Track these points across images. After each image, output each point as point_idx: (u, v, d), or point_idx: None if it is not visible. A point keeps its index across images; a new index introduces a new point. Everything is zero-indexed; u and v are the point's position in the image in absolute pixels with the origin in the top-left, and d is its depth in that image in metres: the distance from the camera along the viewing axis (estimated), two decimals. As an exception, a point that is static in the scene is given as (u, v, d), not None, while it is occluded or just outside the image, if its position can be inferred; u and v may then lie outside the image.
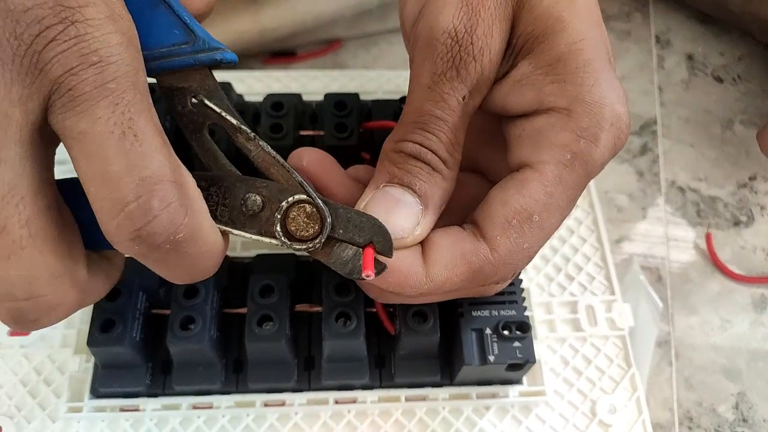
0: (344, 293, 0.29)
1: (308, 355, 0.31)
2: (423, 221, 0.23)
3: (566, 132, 0.22)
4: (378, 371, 0.31)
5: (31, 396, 0.31)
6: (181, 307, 0.28)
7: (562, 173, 0.22)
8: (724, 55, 0.51)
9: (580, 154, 0.22)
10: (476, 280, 0.23)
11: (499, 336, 0.28)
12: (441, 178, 0.23)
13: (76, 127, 0.18)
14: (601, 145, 0.22)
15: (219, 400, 0.30)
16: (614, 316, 0.34)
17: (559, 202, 0.23)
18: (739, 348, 0.38)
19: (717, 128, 0.47)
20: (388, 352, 0.31)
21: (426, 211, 0.23)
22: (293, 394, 0.30)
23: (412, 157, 0.23)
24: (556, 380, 0.32)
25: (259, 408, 0.30)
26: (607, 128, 0.22)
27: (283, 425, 0.30)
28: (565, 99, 0.22)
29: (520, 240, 0.23)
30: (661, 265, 0.41)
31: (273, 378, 0.30)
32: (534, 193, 0.22)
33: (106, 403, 0.30)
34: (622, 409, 0.32)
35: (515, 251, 0.23)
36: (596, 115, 0.22)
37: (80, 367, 0.31)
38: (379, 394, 0.31)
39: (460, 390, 0.31)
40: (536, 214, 0.22)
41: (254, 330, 0.28)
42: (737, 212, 0.43)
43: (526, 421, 0.31)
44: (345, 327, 0.28)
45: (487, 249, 0.23)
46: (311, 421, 0.30)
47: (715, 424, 0.36)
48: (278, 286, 0.29)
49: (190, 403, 0.30)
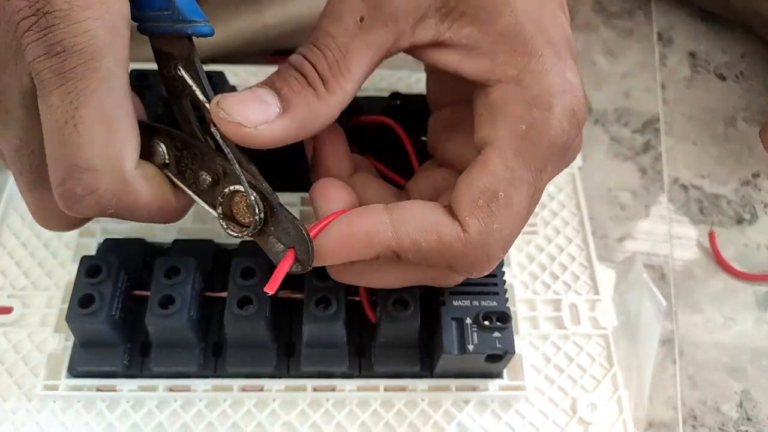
0: (326, 278, 0.29)
1: (289, 342, 0.31)
2: (275, 121, 0.23)
3: (518, 103, 0.22)
4: (358, 360, 0.31)
5: (8, 374, 0.31)
6: (162, 286, 0.28)
7: (519, 145, 0.22)
8: (726, 52, 0.51)
9: (534, 123, 0.22)
10: (444, 256, 0.23)
11: (479, 326, 0.28)
12: (313, 94, 0.23)
13: (41, 108, 0.21)
14: (557, 113, 0.22)
15: (196, 384, 0.30)
16: (597, 315, 0.34)
17: (523, 175, 0.22)
18: (743, 346, 0.38)
19: (720, 126, 0.47)
20: (369, 342, 0.31)
21: (283, 114, 0.23)
22: (271, 380, 0.30)
23: (292, 67, 0.23)
24: (537, 377, 0.32)
25: (237, 393, 0.30)
26: (559, 95, 0.22)
27: (260, 411, 0.30)
28: (515, 68, 0.23)
29: (489, 220, 0.22)
30: (664, 263, 0.41)
31: (252, 362, 0.30)
32: (495, 170, 0.22)
33: (83, 382, 0.30)
34: (602, 407, 0.31)
35: (485, 232, 0.22)
36: (546, 82, 0.22)
37: (59, 345, 0.31)
38: (358, 384, 0.30)
39: (439, 382, 0.31)
40: (501, 191, 0.22)
41: (234, 311, 0.28)
42: (740, 210, 0.43)
43: (505, 416, 0.31)
44: (325, 311, 0.28)
45: (459, 228, 0.23)
46: (288, 409, 0.30)
47: (719, 423, 0.36)
48: (260, 269, 0.29)
49: (167, 386, 0.30)
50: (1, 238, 0.34)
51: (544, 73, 0.22)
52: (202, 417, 0.30)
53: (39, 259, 0.34)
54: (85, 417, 0.29)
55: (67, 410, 0.30)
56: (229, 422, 0.30)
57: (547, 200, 0.38)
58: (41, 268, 0.33)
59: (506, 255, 0.34)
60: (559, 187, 0.38)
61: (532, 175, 0.23)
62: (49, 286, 0.33)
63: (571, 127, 0.23)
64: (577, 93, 0.23)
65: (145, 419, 0.30)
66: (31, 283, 0.33)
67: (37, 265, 0.33)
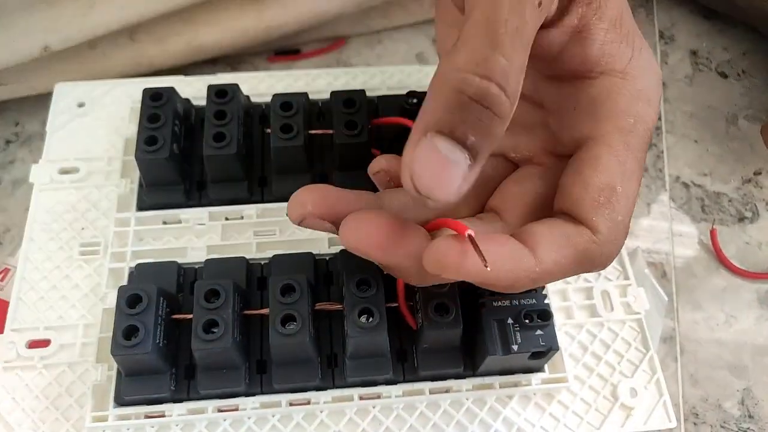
0: (365, 289, 0.29)
1: (330, 353, 0.31)
2: (467, 177, 0.19)
3: (624, 96, 0.23)
4: (401, 365, 0.31)
5: (54, 408, 0.31)
6: (204, 311, 0.28)
7: (627, 139, 0.23)
8: (728, 50, 0.51)
9: (640, 117, 0.23)
10: (583, 264, 0.23)
11: (521, 325, 0.29)
12: (499, 122, 0.19)
13: None
14: (654, 106, 0.23)
15: (244, 402, 0.30)
16: (630, 301, 0.34)
17: (633, 168, 0.23)
18: (745, 344, 0.39)
19: (721, 124, 0.47)
20: (410, 346, 0.31)
21: (473, 166, 0.19)
22: (318, 392, 0.30)
23: (473, 100, 0.19)
24: (577, 366, 0.33)
25: (285, 408, 0.30)
26: (658, 89, 0.23)
27: (309, 424, 0.30)
28: (622, 62, 0.23)
29: (614, 214, 0.23)
30: (665, 260, 0.41)
31: (297, 377, 0.30)
32: (609, 167, 0.23)
33: (131, 410, 0.30)
34: (642, 391, 0.32)
35: (613, 227, 0.23)
36: (650, 77, 0.23)
37: (102, 375, 0.31)
38: (403, 389, 0.31)
39: (482, 380, 0.31)
40: (618, 185, 0.23)
41: (278, 330, 0.28)
42: (742, 208, 0.43)
43: (549, 408, 0.31)
44: (368, 322, 0.28)
45: (588, 231, 0.23)
46: (337, 419, 0.31)
47: (721, 420, 0.36)
48: (298, 285, 0.29)
49: (216, 406, 0.30)
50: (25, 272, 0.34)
51: (645, 68, 0.23)
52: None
53: (65, 291, 0.33)
54: (137, 444, 0.30)
55: (117, 439, 0.30)
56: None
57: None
58: (70, 299, 0.33)
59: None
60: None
61: (640, 167, 0.23)
62: (84, 316, 0.33)
63: (657, 116, 0.24)
64: (660, 86, 0.24)
65: (197, 441, 0.30)
66: (64, 315, 0.33)
67: (64, 297, 0.33)
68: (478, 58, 0.19)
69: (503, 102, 0.19)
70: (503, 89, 0.19)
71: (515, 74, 0.19)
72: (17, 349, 0.32)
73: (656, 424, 0.31)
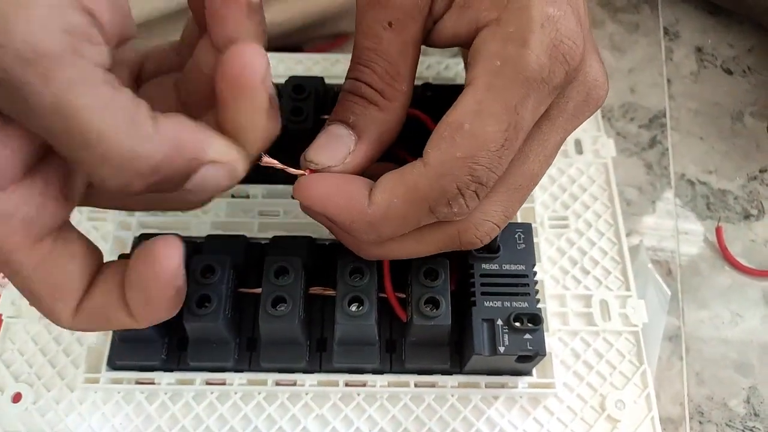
0: (357, 278, 0.29)
1: (320, 337, 0.31)
2: (355, 150, 0.24)
3: (495, 42, 0.22)
4: (389, 356, 0.31)
5: (51, 365, 0.32)
6: (198, 285, 0.29)
7: (491, 81, 0.22)
8: (733, 46, 0.50)
9: (508, 58, 0.22)
10: (415, 200, 0.23)
11: (510, 327, 0.28)
12: (377, 109, 0.24)
13: None
14: (533, 47, 0.21)
15: (232, 377, 0.31)
16: (628, 312, 0.34)
17: (491, 109, 0.22)
18: (750, 342, 0.38)
19: (727, 120, 0.46)
20: (399, 338, 0.31)
21: (359, 141, 0.24)
22: (304, 375, 0.31)
23: (349, 92, 0.25)
24: (567, 373, 0.32)
25: (271, 386, 0.31)
26: (536, 30, 0.22)
27: (294, 404, 0.31)
28: (496, 11, 0.22)
29: (451, 149, 0.22)
30: (670, 258, 0.41)
31: (285, 358, 0.30)
32: (464, 105, 0.22)
33: (123, 375, 0.31)
34: (631, 405, 0.31)
35: (446, 160, 0.22)
36: (522, 18, 0.22)
37: (98, 339, 0.31)
38: (388, 379, 0.31)
39: (469, 378, 0.31)
40: (467, 123, 0.22)
41: (268, 311, 0.28)
42: (748, 205, 0.43)
43: (534, 412, 0.31)
44: (357, 311, 0.28)
45: (420, 164, 0.23)
46: (321, 402, 0.31)
47: (726, 419, 0.36)
48: (293, 267, 0.29)
49: (204, 379, 0.31)
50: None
51: (522, 9, 0.22)
52: (237, 409, 0.31)
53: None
54: (125, 408, 0.31)
55: (107, 401, 0.31)
56: (264, 414, 0.31)
57: (578, 192, 0.37)
58: (79, 261, 0.34)
59: (537, 250, 0.34)
60: (591, 178, 0.38)
61: (505, 110, 0.22)
62: (87, 279, 0.34)
63: (553, 61, 0.22)
64: (558, 27, 0.22)
65: (183, 411, 0.31)
66: (70, 275, 0.34)
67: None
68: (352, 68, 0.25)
69: (371, 94, 0.24)
70: (369, 84, 0.24)
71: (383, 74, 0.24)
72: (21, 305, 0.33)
73: (641, 439, 0.31)
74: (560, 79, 0.23)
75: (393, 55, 0.24)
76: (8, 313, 0.33)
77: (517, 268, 0.30)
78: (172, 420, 0.30)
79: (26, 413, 0.30)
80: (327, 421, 0.31)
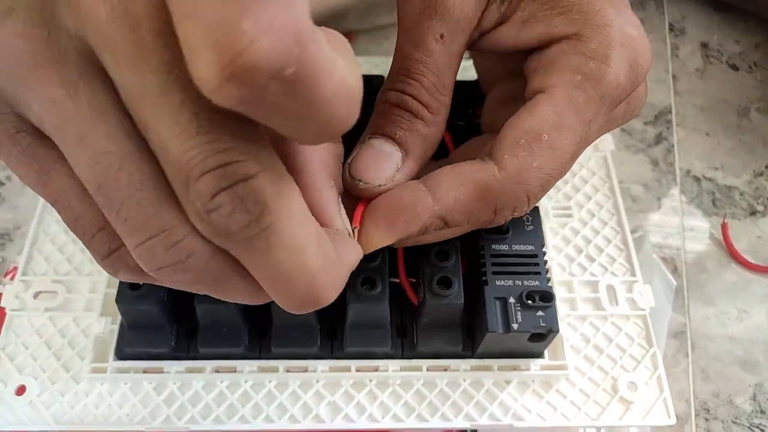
0: (370, 259, 0.29)
1: (331, 324, 0.31)
2: (403, 167, 0.24)
3: (576, 55, 0.23)
4: (400, 341, 0.31)
5: (56, 358, 0.31)
6: (209, 268, 0.29)
7: (572, 94, 0.22)
8: (739, 42, 0.51)
9: (590, 74, 0.22)
10: (485, 199, 0.23)
11: (523, 305, 0.29)
12: (423, 124, 0.24)
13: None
14: (614, 65, 0.22)
15: (242, 365, 0.30)
16: (635, 297, 0.34)
17: (570, 123, 0.22)
18: (757, 339, 0.38)
19: (733, 116, 0.47)
20: (410, 324, 0.31)
21: (406, 157, 0.24)
22: (316, 361, 0.30)
23: (394, 105, 0.24)
24: (577, 357, 0.32)
25: (282, 374, 0.30)
26: (617, 48, 0.22)
27: (305, 392, 0.30)
28: (574, 26, 0.23)
29: (529, 158, 0.22)
30: (676, 255, 0.41)
31: (296, 344, 0.30)
32: (543, 113, 0.23)
33: (130, 364, 0.30)
34: (643, 387, 0.31)
35: (524, 169, 0.22)
36: (605, 36, 0.22)
37: (105, 329, 0.31)
38: (401, 364, 0.31)
39: (481, 362, 0.31)
40: (545, 133, 0.22)
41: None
42: (754, 201, 0.43)
43: (547, 396, 0.31)
44: (370, 291, 0.28)
45: (494, 167, 0.23)
46: (333, 389, 0.31)
47: (732, 416, 0.36)
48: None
49: (214, 367, 0.30)
50: (43, 224, 0.35)
51: (603, 27, 0.23)
52: (248, 397, 0.30)
53: (81, 245, 0.34)
54: (132, 399, 0.30)
55: (114, 392, 0.30)
56: (275, 403, 0.30)
57: (580, 184, 0.38)
58: (84, 254, 0.34)
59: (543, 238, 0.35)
60: (591, 170, 0.39)
61: (581, 124, 0.23)
62: (92, 272, 0.33)
63: (628, 81, 0.23)
64: (638, 47, 0.23)
65: (192, 400, 0.30)
66: (75, 269, 0.33)
67: (80, 251, 0.34)
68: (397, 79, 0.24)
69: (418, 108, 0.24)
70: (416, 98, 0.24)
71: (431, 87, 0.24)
72: (25, 299, 0.32)
73: (655, 420, 0.31)
74: (627, 95, 0.24)
75: (441, 68, 0.24)
76: (12, 306, 0.32)
77: (526, 248, 0.30)
78: (181, 410, 0.30)
79: (31, 406, 0.30)
80: (339, 408, 0.30)
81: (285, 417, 0.30)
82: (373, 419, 0.30)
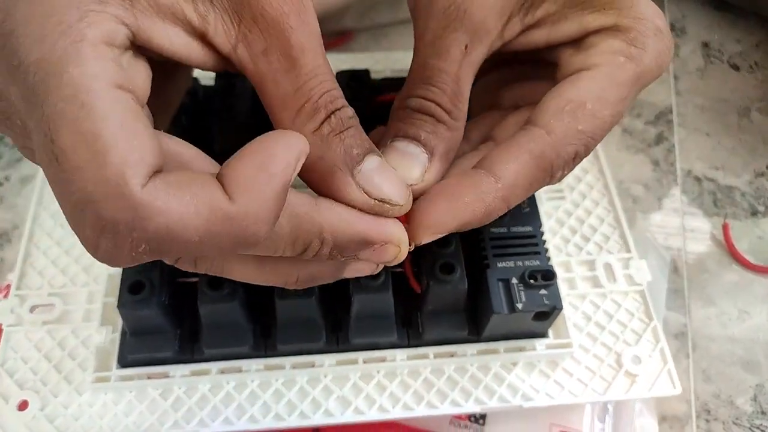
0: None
1: (336, 318, 0.31)
2: (431, 168, 0.24)
3: (617, 41, 0.24)
4: (405, 330, 0.31)
5: (56, 371, 0.30)
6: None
7: (614, 72, 0.24)
8: (740, 42, 0.50)
9: (631, 58, 0.24)
10: (542, 166, 0.23)
11: (526, 285, 0.29)
12: (445, 128, 0.24)
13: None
14: (650, 52, 0.24)
15: (248, 364, 0.30)
16: (632, 273, 0.34)
17: (610, 98, 0.24)
18: (758, 339, 0.38)
19: (734, 116, 0.47)
20: (414, 312, 0.31)
21: (432, 158, 0.24)
22: (322, 355, 0.30)
23: (415, 110, 0.24)
24: (580, 335, 0.33)
25: (289, 371, 0.30)
26: (652, 37, 0.24)
27: (313, 388, 0.30)
28: (611, 19, 0.24)
29: (573, 122, 0.23)
30: (677, 255, 0.41)
31: (302, 339, 0.30)
32: (586, 86, 0.24)
33: (134, 372, 0.30)
34: (646, 359, 0.32)
35: (571, 132, 0.23)
36: (642, 26, 0.24)
37: (106, 338, 0.30)
38: (407, 353, 0.31)
39: (487, 345, 0.31)
40: (589, 102, 0.23)
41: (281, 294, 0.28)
42: (755, 201, 0.43)
43: (553, 374, 0.31)
44: (374, 281, 0.28)
45: (543, 132, 0.23)
46: (341, 383, 0.30)
47: (733, 417, 0.36)
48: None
49: (219, 368, 0.30)
50: (34, 238, 0.34)
51: (639, 19, 0.24)
52: (256, 397, 0.30)
53: (75, 257, 0.34)
54: (139, 407, 0.29)
55: (119, 401, 0.30)
56: (284, 400, 0.30)
57: (569, 167, 0.38)
58: (78, 265, 0.33)
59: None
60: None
61: (619, 100, 0.24)
62: (88, 282, 0.33)
63: (657, 66, 0.24)
64: (666, 39, 0.25)
65: (200, 403, 0.30)
66: (70, 281, 0.33)
67: (74, 263, 0.33)
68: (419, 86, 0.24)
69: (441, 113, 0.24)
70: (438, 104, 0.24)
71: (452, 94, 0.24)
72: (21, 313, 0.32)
73: (661, 390, 0.31)
74: (653, 81, 0.25)
75: (462, 78, 0.24)
76: (8, 322, 0.31)
77: (525, 229, 0.31)
78: (189, 414, 0.29)
79: (34, 421, 0.29)
80: (349, 401, 0.30)
81: (295, 414, 0.30)
82: (384, 410, 0.30)
